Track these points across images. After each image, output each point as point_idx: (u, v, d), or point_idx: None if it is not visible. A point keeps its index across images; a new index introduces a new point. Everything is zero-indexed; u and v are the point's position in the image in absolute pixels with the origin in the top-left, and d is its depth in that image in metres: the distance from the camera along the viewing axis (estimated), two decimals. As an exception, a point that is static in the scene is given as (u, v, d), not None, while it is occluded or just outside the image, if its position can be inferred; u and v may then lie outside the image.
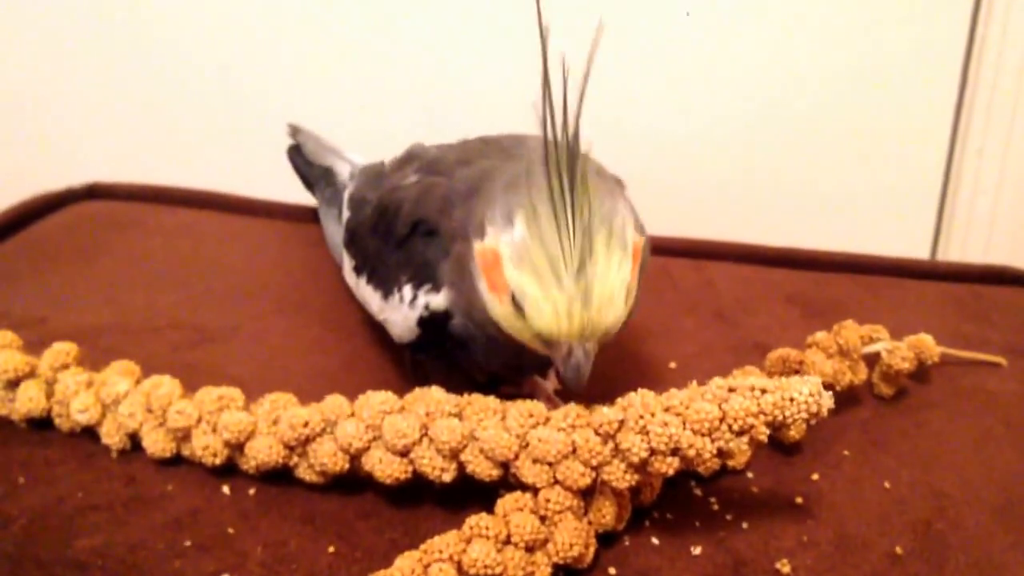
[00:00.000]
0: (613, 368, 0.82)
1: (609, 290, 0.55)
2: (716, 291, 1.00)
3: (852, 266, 1.08)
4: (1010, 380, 0.82)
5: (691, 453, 0.54)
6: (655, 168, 1.24)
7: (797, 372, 0.74)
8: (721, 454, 0.55)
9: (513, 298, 0.57)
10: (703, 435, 0.54)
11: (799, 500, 0.65)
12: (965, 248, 1.32)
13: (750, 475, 0.68)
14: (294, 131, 1.07)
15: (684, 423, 0.54)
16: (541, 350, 0.59)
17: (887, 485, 0.67)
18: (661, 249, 0.74)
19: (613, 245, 0.55)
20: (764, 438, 0.54)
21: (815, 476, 0.68)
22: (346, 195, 0.85)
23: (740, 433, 0.54)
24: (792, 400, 0.53)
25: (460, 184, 0.66)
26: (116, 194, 1.17)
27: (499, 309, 0.59)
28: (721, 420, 0.54)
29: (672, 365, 0.84)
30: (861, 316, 0.80)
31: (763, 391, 0.54)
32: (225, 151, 1.33)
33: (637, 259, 0.59)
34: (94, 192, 1.17)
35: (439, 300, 0.65)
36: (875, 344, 0.77)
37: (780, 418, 0.54)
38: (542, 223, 0.55)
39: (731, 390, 0.55)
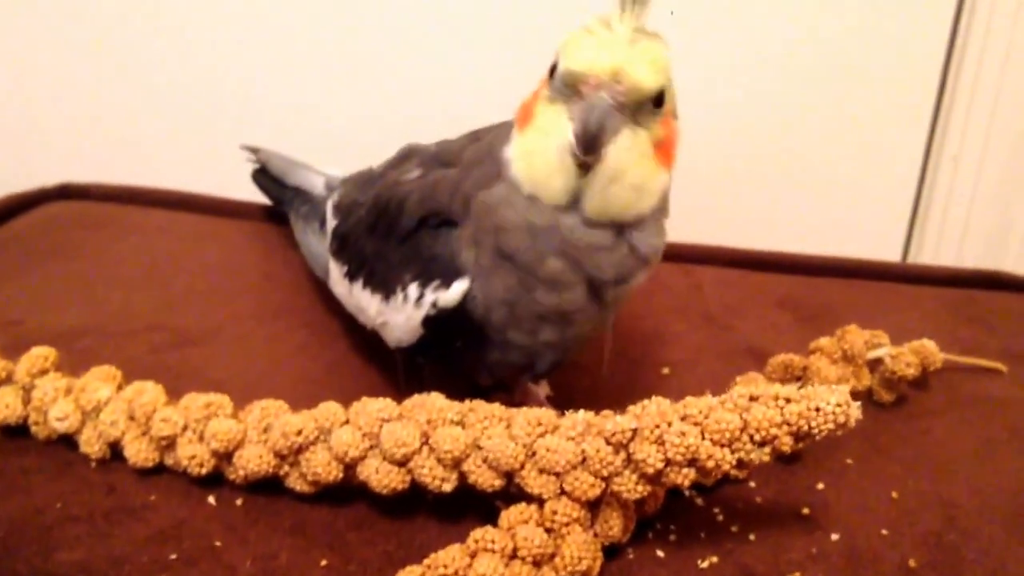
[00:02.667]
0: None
1: (657, 52, 0.55)
2: (705, 296, 0.99)
3: (842, 270, 1.07)
4: (1012, 386, 0.81)
5: (710, 464, 0.52)
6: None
7: (800, 378, 0.73)
8: (740, 465, 0.53)
9: (551, 72, 0.56)
10: (723, 446, 0.52)
11: (806, 511, 0.63)
12: (936, 256, 1.31)
13: (752, 484, 0.66)
14: (254, 151, 1.04)
15: (703, 433, 0.52)
16: (563, 140, 0.54)
17: (894, 495, 0.65)
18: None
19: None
20: (788, 449, 0.52)
21: (820, 485, 0.66)
22: (330, 204, 0.82)
23: (762, 444, 0.52)
24: (818, 410, 0.51)
25: (469, 155, 0.65)
26: (89, 194, 1.15)
27: (525, 140, 0.58)
28: (742, 430, 0.52)
29: (665, 371, 0.82)
30: (855, 321, 0.78)
31: (787, 400, 0.52)
32: (199, 151, 1.30)
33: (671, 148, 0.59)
34: (66, 192, 1.15)
35: (451, 295, 0.62)
36: (878, 349, 0.75)
37: (805, 429, 0.52)
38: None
39: (753, 399, 0.53)
